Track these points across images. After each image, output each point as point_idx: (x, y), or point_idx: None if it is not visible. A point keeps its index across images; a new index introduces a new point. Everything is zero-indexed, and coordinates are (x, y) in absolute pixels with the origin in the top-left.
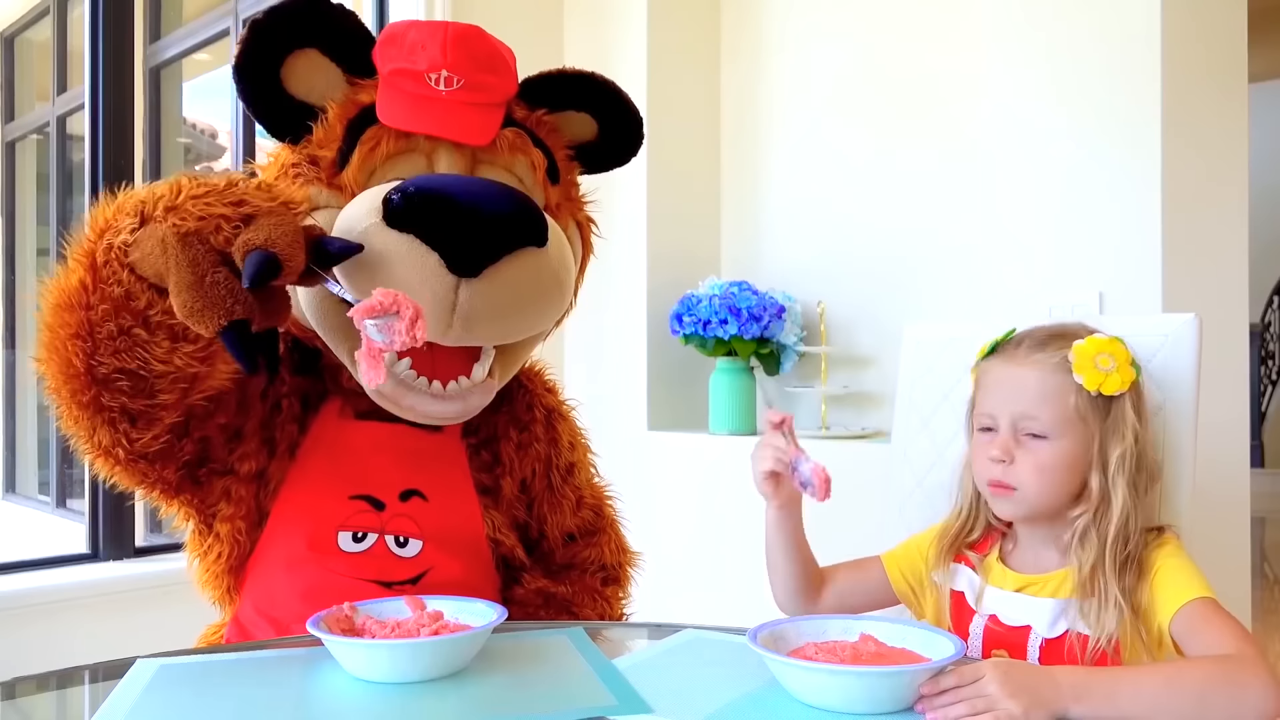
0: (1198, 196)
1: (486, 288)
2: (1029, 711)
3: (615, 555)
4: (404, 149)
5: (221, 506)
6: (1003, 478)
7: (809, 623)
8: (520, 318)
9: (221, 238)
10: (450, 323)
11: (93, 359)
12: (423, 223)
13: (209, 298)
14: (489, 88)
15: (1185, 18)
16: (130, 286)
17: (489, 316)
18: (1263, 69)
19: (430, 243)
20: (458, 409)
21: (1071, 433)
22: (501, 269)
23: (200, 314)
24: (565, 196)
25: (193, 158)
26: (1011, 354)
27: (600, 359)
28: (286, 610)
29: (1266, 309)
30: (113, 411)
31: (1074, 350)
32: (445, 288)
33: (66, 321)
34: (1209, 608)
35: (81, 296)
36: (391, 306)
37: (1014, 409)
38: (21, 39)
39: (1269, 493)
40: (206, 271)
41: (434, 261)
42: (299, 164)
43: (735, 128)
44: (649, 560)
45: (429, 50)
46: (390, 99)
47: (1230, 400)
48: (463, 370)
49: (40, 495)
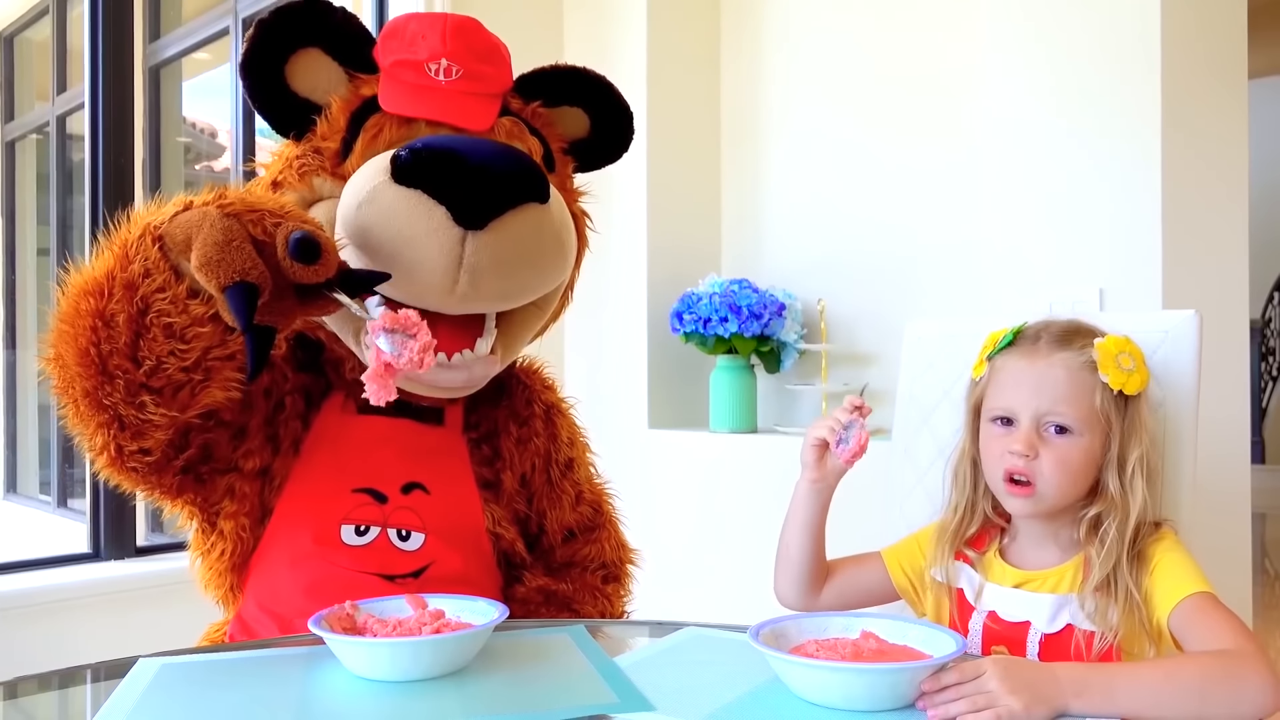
0: (1198, 192)
1: (492, 239)
2: (1029, 708)
3: (615, 552)
4: (406, 135)
5: (225, 504)
6: (1025, 470)
7: (810, 620)
8: (525, 274)
9: (261, 228)
10: (457, 277)
11: (102, 345)
12: (430, 178)
13: (229, 255)
14: (487, 78)
15: (1185, 14)
16: (151, 264)
17: (495, 272)
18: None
19: (438, 197)
20: (463, 378)
21: (1094, 430)
22: (506, 222)
23: (216, 265)
24: (560, 187)
25: (192, 157)
26: (1032, 349)
27: (600, 357)
28: (290, 605)
29: (1267, 305)
30: (109, 412)
31: (1098, 349)
32: (452, 240)
33: (86, 308)
34: (1207, 602)
35: (106, 284)
36: (411, 328)
37: (1039, 404)
38: (21, 38)
39: (1270, 488)
40: (235, 238)
41: (441, 214)
42: (303, 155)
43: (735, 125)
44: (650, 558)
45: (429, 40)
46: (392, 89)
47: (1231, 396)
48: (466, 344)
49: (41, 495)
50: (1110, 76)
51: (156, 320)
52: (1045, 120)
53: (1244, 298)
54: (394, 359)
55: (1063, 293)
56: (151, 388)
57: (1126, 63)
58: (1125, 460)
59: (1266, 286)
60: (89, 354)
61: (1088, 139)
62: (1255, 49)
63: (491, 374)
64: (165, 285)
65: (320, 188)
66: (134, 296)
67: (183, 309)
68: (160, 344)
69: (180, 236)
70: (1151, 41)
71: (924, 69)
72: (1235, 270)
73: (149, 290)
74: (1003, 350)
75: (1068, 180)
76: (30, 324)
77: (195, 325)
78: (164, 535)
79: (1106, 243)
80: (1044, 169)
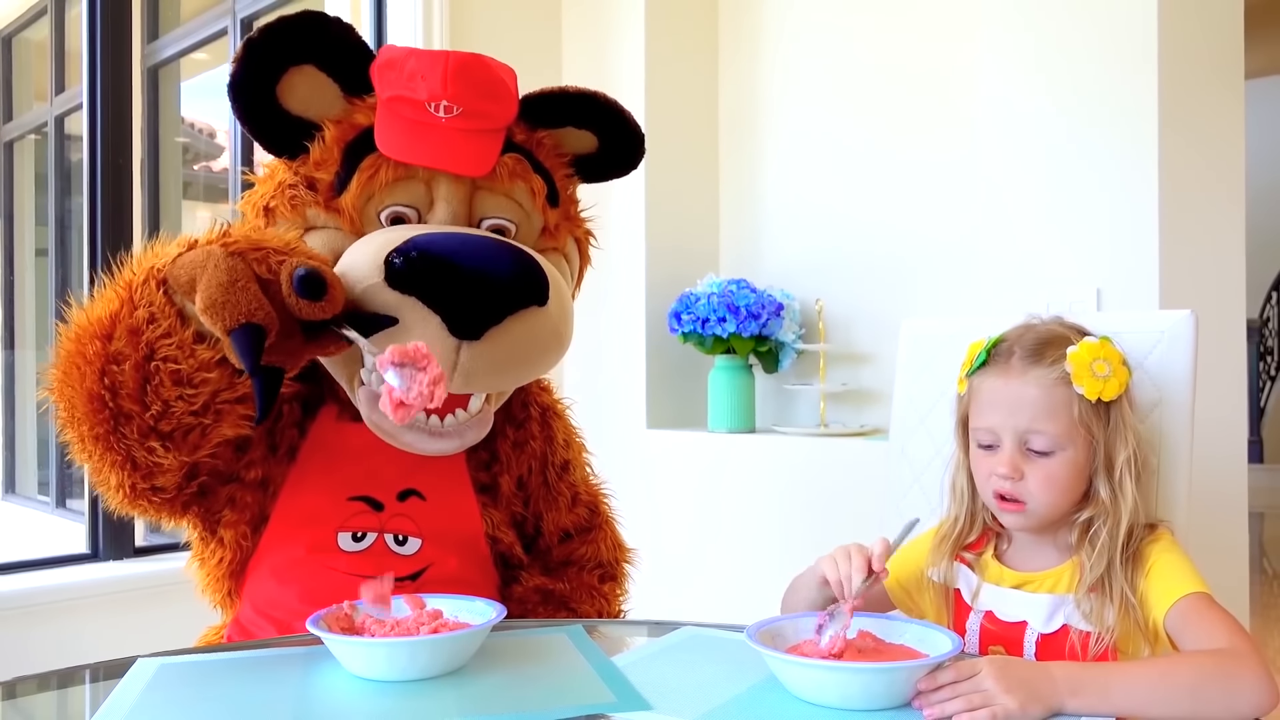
0: (1195, 192)
1: (488, 348)
2: (1025, 706)
3: (611, 552)
4: (403, 176)
5: (226, 513)
6: (1013, 492)
7: (807, 620)
8: (520, 372)
9: (265, 266)
10: (451, 379)
11: (111, 390)
12: (425, 286)
13: (234, 297)
14: (489, 115)
15: (1182, 14)
16: (157, 309)
17: (489, 373)
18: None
19: (432, 305)
20: (454, 445)
21: (1076, 442)
22: (503, 330)
23: (221, 308)
24: (564, 216)
25: (191, 157)
26: (1005, 368)
27: (599, 357)
28: (287, 610)
29: (1265, 304)
30: (121, 454)
31: (1070, 360)
32: (447, 349)
33: (93, 352)
34: (1203, 603)
35: (110, 327)
36: (421, 362)
37: (1017, 425)
38: (19, 38)
39: (1268, 488)
40: (240, 278)
41: (436, 324)
42: (295, 185)
43: (733, 125)
44: (648, 558)
45: (429, 81)
46: (389, 126)
47: (1228, 396)
48: (459, 403)
49: (40, 495)
50: (1108, 76)
51: (163, 366)
52: (1043, 120)
53: (1241, 297)
54: (404, 394)
55: (1060, 292)
56: (161, 432)
57: (1124, 62)
58: (1113, 464)
59: (1264, 286)
60: (100, 398)
61: (1085, 139)
62: (1252, 49)
63: (484, 434)
64: (171, 331)
65: (314, 219)
66: (139, 342)
67: (189, 354)
68: (168, 389)
69: (184, 278)
70: (1149, 41)
71: (922, 69)
72: (1232, 270)
73: (154, 336)
74: (979, 369)
75: (1065, 180)
76: (29, 324)
77: (202, 370)
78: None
79: (1104, 242)
80: (1041, 169)
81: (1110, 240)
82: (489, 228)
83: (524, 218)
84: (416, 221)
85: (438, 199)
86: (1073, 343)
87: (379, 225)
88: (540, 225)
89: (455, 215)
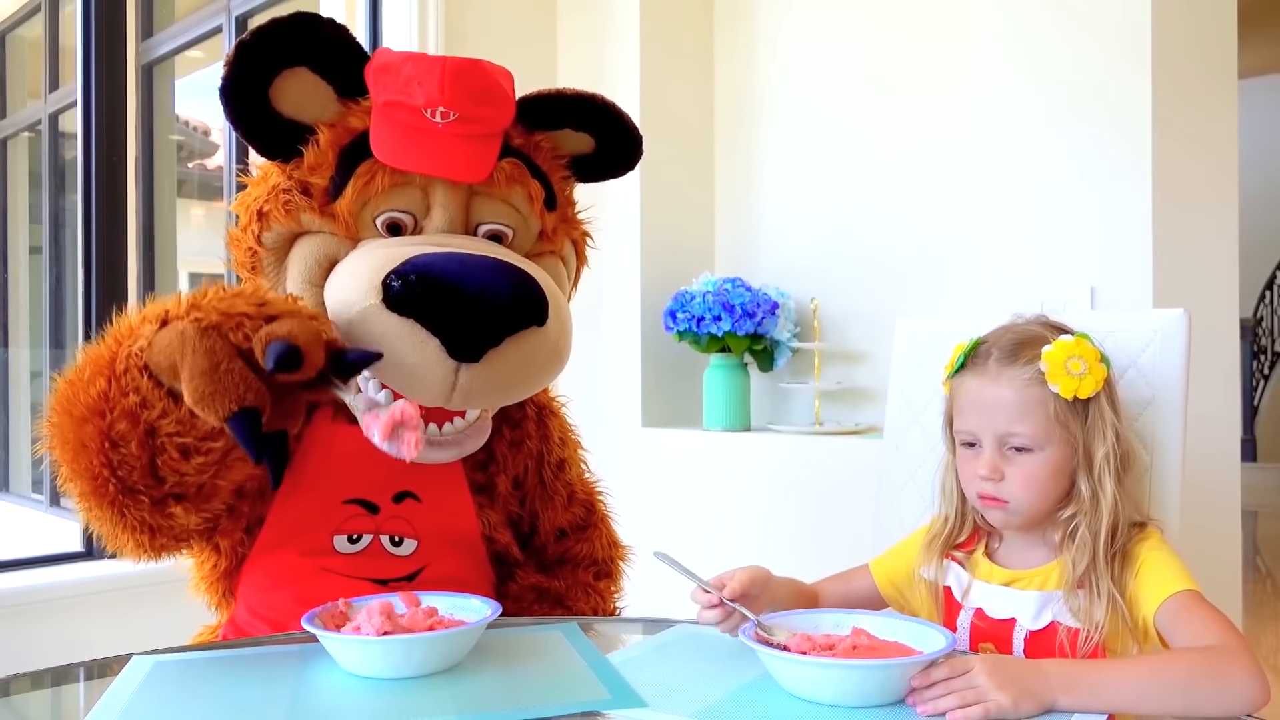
0: (1189, 191)
1: (486, 370)
2: (1018, 702)
3: (607, 550)
4: (399, 182)
5: (223, 522)
6: (994, 493)
7: (801, 617)
8: (519, 390)
9: (241, 334)
10: (450, 398)
11: (118, 469)
12: (423, 310)
13: (222, 384)
14: (486, 120)
15: (1176, 13)
16: (146, 394)
17: (488, 393)
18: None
19: (431, 328)
20: (453, 454)
21: (1055, 440)
22: (502, 351)
23: (211, 399)
24: (562, 219)
25: (185, 154)
26: (982, 369)
27: (594, 356)
28: (282, 611)
29: (1259, 303)
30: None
31: (1045, 359)
32: (446, 370)
33: (88, 434)
34: (1193, 600)
35: (101, 405)
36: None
37: (995, 426)
38: (13, 36)
39: (1261, 486)
40: (222, 360)
41: (434, 347)
42: (289, 190)
43: (728, 124)
44: (643, 556)
45: (426, 86)
46: (385, 131)
47: (1221, 395)
48: (457, 412)
49: (34, 494)
50: (1101, 76)
51: (169, 441)
52: (1037, 119)
53: (1234, 296)
54: (394, 454)
55: (1054, 291)
56: (178, 495)
57: (1117, 62)
58: (1092, 461)
59: (1258, 285)
60: (102, 478)
61: (1079, 138)
62: (1245, 49)
63: (483, 442)
64: (166, 411)
65: (308, 224)
66: (138, 424)
67: (190, 427)
68: (178, 460)
69: (165, 364)
70: (1142, 41)
71: (917, 68)
72: (1226, 269)
73: (151, 418)
74: (959, 371)
75: (1059, 179)
76: (23, 322)
77: (208, 439)
78: None
79: (1098, 241)
80: (1036, 167)
81: (1104, 239)
82: (486, 233)
83: (521, 223)
84: (413, 227)
85: (434, 205)
86: (1049, 342)
87: (375, 231)
88: (537, 230)
89: (452, 221)
